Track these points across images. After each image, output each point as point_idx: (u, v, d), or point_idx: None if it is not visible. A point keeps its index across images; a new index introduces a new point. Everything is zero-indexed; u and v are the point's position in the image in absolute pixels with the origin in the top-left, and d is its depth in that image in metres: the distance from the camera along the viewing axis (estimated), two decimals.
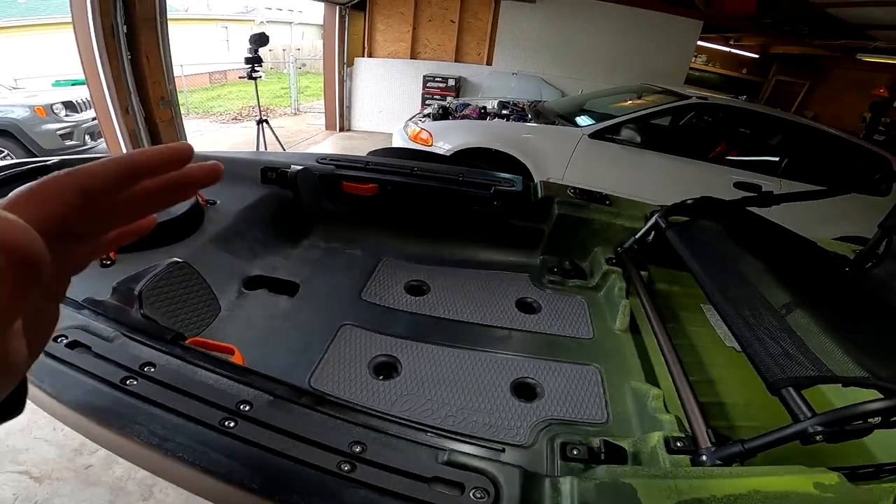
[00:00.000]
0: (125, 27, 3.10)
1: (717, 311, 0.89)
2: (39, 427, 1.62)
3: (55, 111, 4.82)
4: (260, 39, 3.67)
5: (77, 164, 0.73)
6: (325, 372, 0.81)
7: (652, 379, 0.93)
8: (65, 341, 0.54)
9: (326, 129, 6.44)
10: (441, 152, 3.13)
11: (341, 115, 6.38)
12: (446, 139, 3.18)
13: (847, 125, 5.31)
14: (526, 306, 1.10)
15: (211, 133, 6.63)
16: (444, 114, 3.67)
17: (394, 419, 0.55)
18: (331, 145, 5.83)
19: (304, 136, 6.42)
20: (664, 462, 0.66)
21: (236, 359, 0.63)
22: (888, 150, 3.39)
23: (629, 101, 3.88)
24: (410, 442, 0.53)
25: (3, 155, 4.69)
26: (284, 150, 4.42)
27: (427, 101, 5.92)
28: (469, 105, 3.98)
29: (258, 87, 4.12)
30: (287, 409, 0.53)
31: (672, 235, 1.13)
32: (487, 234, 1.28)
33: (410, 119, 3.77)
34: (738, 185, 3.25)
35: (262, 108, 8.44)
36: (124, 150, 3.31)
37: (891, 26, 4.53)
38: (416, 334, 0.95)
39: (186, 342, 0.62)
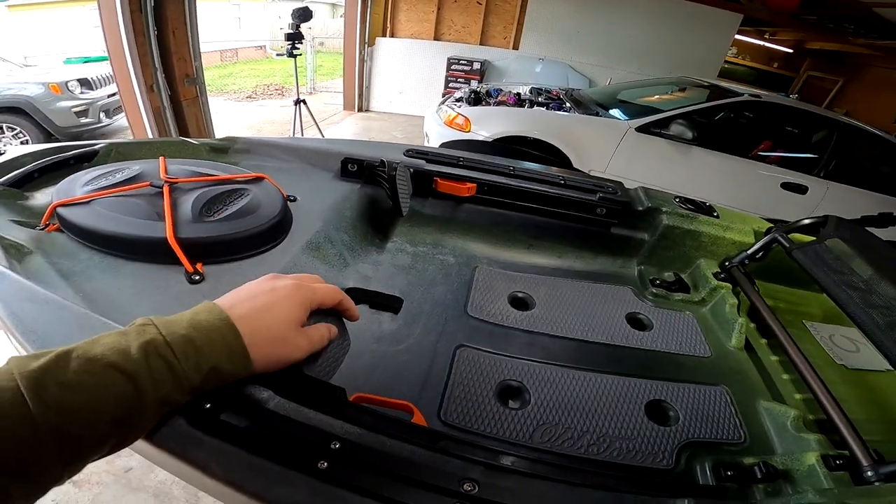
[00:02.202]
0: (153, 1, 2.91)
1: (864, 331, 0.82)
2: None
3: (70, 88, 4.73)
4: (304, 14, 3.49)
5: (122, 148, 0.93)
6: (455, 403, 0.72)
7: (779, 397, 0.87)
8: (210, 407, 0.44)
9: (344, 108, 6.27)
10: (480, 139, 3.00)
11: (360, 96, 6.21)
12: (485, 126, 3.05)
13: (879, 125, 5.15)
14: (637, 322, 1.01)
15: (228, 112, 6.45)
16: (476, 98, 3.53)
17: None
18: (352, 126, 5.68)
19: (322, 115, 6.25)
20: (826, 481, 0.62)
21: (417, 419, 0.54)
22: None
23: (671, 95, 3.74)
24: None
25: (15, 132, 4.54)
26: (322, 133, 4.27)
27: (451, 85, 5.75)
28: (502, 90, 3.83)
29: (291, 64, 3.89)
30: (508, 482, 0.44)
31: (804, 259, 1.03)
32: (584, 240, 1.18)
33: (442, 103, 3.63)
34: (785, 186, 3.16)
35: (279, 87, 8.24)
36: (147, 129, 3.19)
37: None
38: (535, 355, 0.86)
39: (352, 399, 0.53)
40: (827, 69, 7.57)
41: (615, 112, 3.27)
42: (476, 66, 5.67)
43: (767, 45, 7.49)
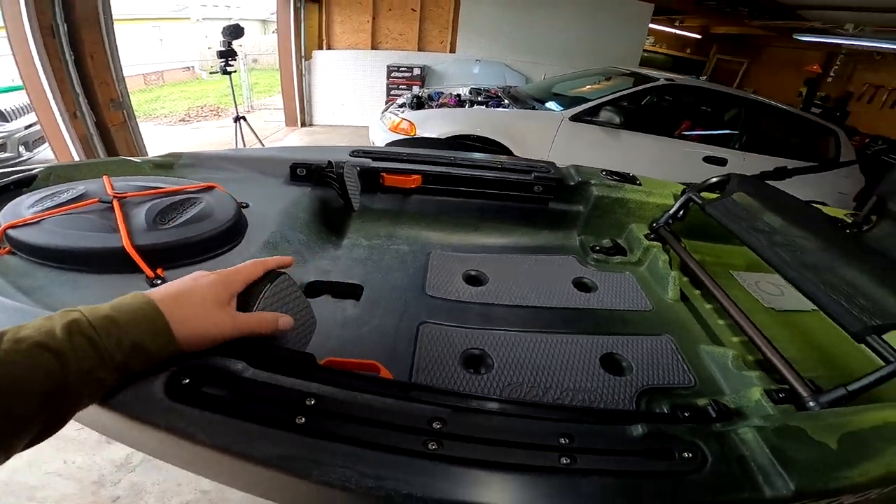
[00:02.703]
0: (66, 25, 2.79)
1: (786, 277, 0.94)
2: (46, 461, 1.48)
3: None
4: (235, 31, 3.44)
5: (61, 171, 0.94)
6: (423, 374, 0.78)
7: (718, 341, 0.98)
8: (189, 381, 0.47)
9: (287, 124, 6.16)
10: (428, 137, 3.08)
11: (302, 110, 6.13)
12: (429, 128, 3.14)
13: (784, 100, 5.75)
14: (582, 286, 1.11)
15: (161, 137, 6.15)
16: (419, 103, 3.62)
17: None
18: (296, 141, 5.60)
19: (264, 133, 6.10)
20: (772, 412, 0.70)
21: (384, 374, 0.59)
22: (828, 121, 3.71)
23: (599, 84, 3.99)
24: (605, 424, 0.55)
25: None
26: (264, 146, 4.18)
27: (392, 92, 5.80)
28: (443, 93, 3.94)
29: (224, 84, 3.83)
30: (476, 419, 0.50)
31: (715, 212, 1.17)
32: (526, 218, 1.28)
33: (386, 110, 3.69)
34: (707, 160, 3.46)
35: (213, 108, 7.94)
36: (76, 157, 3.03)
37: (819, 7, 4.92)
38: (493, 324, 0.93)
39: (321, 363, 0.57)
40: (733, 52, 8.34)
41: (550, 104, 3.46)
42: (416, 72, 5.76)
43: (679, 32, 8.14)
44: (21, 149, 4.64)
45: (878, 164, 3.15)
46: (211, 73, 4.09)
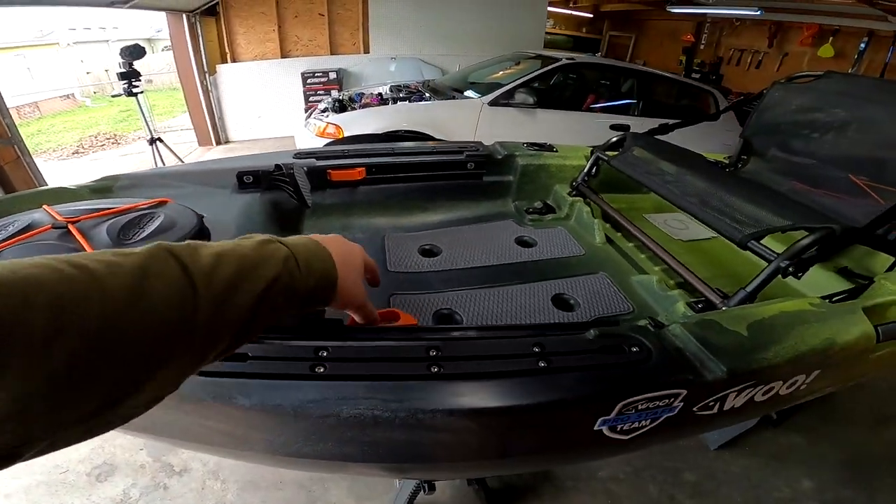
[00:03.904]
0: None
1: (679, 206, 1.16)
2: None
3: None
4: (135, 51, 3.22)
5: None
6: None
7: (643, 272, 1.18)
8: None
9: (200, 144, 5.83)
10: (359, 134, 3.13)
11: (214, 128, 5.82)
12: (357, 128, 3.18)
13: (670, 69, 6.45)
14: (524, 243, 1.27)
15: (57, 173, 5.54)
16: (341, 106, 3.64)
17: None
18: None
19: (173, 155, 5.72)
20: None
21: (405, 318, 0.67)
22: (706, 84, 4.27)
23: (511, 69, 4.25)
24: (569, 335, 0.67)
25: None
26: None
27: (311, 98, 5.70)
28: (364, 94, 3.98)
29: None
30: (465, 344, 0.61)
31: (618, 164, 1.38)
32: (465, 193, 1.41)
33: (309, 117, 3.66)
34: (613, 127, 3.84)
35: (110, 136, 7.25)
36: None
37: None
38: (453, 286, 1.05)
39: (347, 324, 0.65)
40: (622, 28, 9.14)
41: (468, 93, 3.64)
42: (332, 76, 5.70)
43: (573, 13, 8.76)
44: None
45: (741, 115, 3.69)
46: (115, 95, 3.80)
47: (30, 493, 1.45)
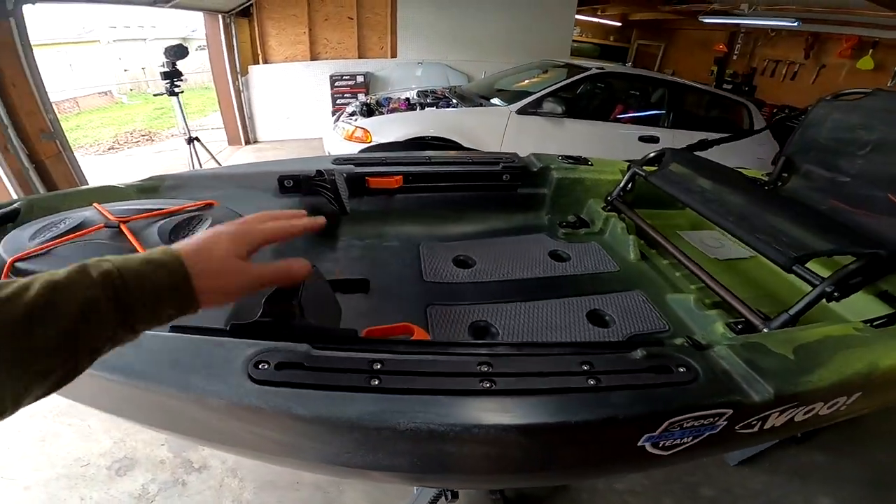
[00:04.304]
0: None
1: (719, 225, 1.14)
2: (63, 500, 1.45)
3: None
4: (178, 52, 3.32)
5: (43, 202, 0.97)
6: None
7: (678, 290, 1.16)
8: (268, 367, 0.54)
9: (230, 144, 5.97)
10: (388, 142, 3.16)
11: (244, 128, 5.96)
12: (384, 133, 3.22)
13: (700, 79, 6.33)
14: (557, 257, 1.27)
15: (94, 168, 5.77)
16: (369, 110, 3.68)
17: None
18: (244, 159, 5.45)
19: (207, 154, 5.88)
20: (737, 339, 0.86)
21: (419, 335, 0.68)
22: (739, 96, 4.18)
23: (538, 77, 4.24)
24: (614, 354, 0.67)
25: None
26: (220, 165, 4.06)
27: (338, 101, 5.79)
28: (391, 98, 4.02)
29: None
30: (513, 360, 0.61)
31: (656, 180, 1.37)
32: (499, 204, 1.41)
33: (337, 120, 3.71)
34: (642, 139, 3.78)
35: (145, 133, 7.50)
36: (13, 194, 2.83)
37: None
38: (489, 298, 1.05)
39: (363, 335, 0.66)
40: (651, 37, 9.02)
41: (496, 101, 3.64)
42: (359, 79, 5.78)
43: (601, 21, 8.70)
44: None
45: (784, 130, 3.59)
46: (156, 94, 3.92)
47: (49, 485, 1.49)
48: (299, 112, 6.09)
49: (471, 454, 0.58)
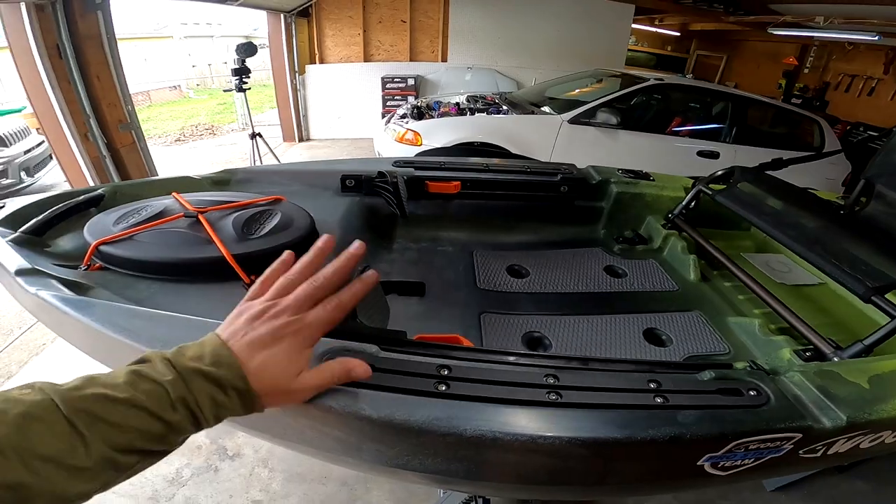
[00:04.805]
0: (71, 45, 2.72)
1: (792, 250, 1.08)
2: None
3: None
4: (248, 49, 3.51)
5: (126, 189, 1.02)
6: None
7: (741, 314, 1.10)
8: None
9: (285, 140, 6.23)
10: (437, 147, 3.20)
11: (299, 126, 6.21)
12: (435, 137, 3.25)
13: (765, 92, 5.98)
14: (613, 272, 1.23)
15: (161, 158, 6.18)
16: (419, 113, 3.74)
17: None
18: (298, 156, 5.67)
19: (264, 150, 6.16)
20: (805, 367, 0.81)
21: (467, 345, 0.69)
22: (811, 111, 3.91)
23: (591, 86, 4.15)
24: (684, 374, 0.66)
25: None
26: (280, 162, 4.25)
27: (388, 103, 5.92)
28: (442, 102, 4.06)
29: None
30: (580, 374, 0.61)
31: (724, 199, 1.30)
32: (554, 215, 1.39)
33: (388, 122, 3.79)
34: (701, 154, 3.62)
35: (208, 126, 7.96)
36: (89, 180, 3.04)
37: (789, 1, 5.16)
38: (541, 310, 1.04)
39: (414, 339, 0.66)
40: (712, 48, 8.63)
41: (548, 108, 3.60)
42: (410, 82, 5.89)
43: (659, 30, 8.41)
44: (22, 174, 4.56)
45: (865, 151, 3.34)
46: (226, 90, 4.14)
47: None
48: (350, 112, 6.27)
49: (531, 464, 0.57)
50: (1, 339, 2.39)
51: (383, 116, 5.85)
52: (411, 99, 5.83)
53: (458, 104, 3.93)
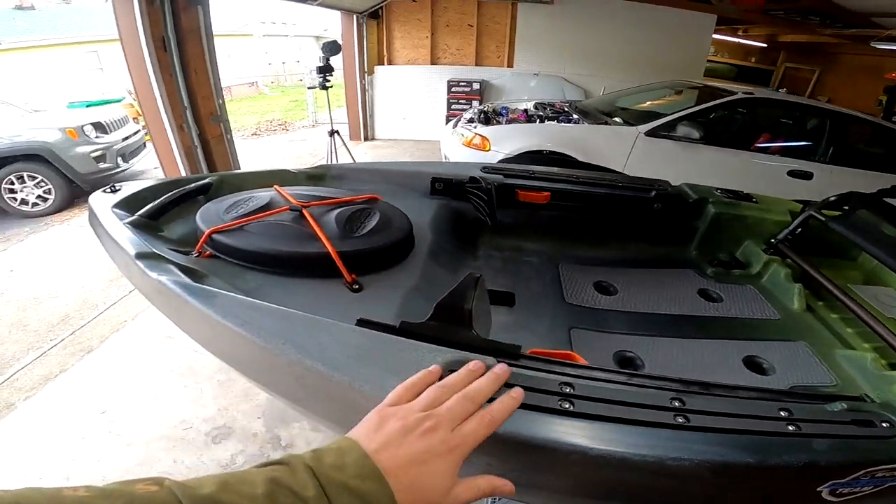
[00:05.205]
0: (175, 38, 2.88)
1: None
2: (157, 460, 1.56)
3: (86, 133, 4.63)
4: (333, 48, 3.66)
5: (231, 179, 1.10)
6: None
7: (850, 346, 1.02)
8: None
9: (351, 139, 6.46)
10: (501, 156, 3.19)
11: (365, 125, 6.42)
12: (503, 143, 3.23)
13: (862, 109, 5.42)
14: (708, 297, 1.17)
15: (242, 151, 6.63)
16: (486, 118, 3.74)
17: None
18: (363, 154, 5.86)
19: (350, 151, 6.43)
20: None
21: (581, 362, 0.67)
22: None
23: (668, 98, 3.96)
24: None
25: (37, 181, 4.38)
26: (354, 160, 4.43)
27: (453, 107, 5.98)
28: (509, 108, 4.03)
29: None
30: (705, 398, 0.59)
31: (839, 227, 1.19)
32: (643, 232, 1.33)
33: (456, 125, 3.81)
34: (792, 174, 3.34)
35: (281, 122, 8.41)
36: (181, 168, 3.26)
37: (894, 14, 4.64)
38: (633, 329, 1.00)
39: (528, 353, 0.65)
40: (803, 60, 7.95)
41: (619, 119, 3.48)
42: (475, 86, 5.91)
43: (742, 41, 7.87)
44: (119, 160, 4.98)
45: None
46: (309, 87, 4.30)
47: (150, 445, 1.57)
48: (414, 114, 6.39)
49: (650, 486, 0.56)
50: (87, 312, 2.59)
51: (447, 120, 5.92)
52: (475, 103, 5.86)
53: (526, 111, 3.89)
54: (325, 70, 3.70)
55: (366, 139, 6.39)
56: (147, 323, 2.39)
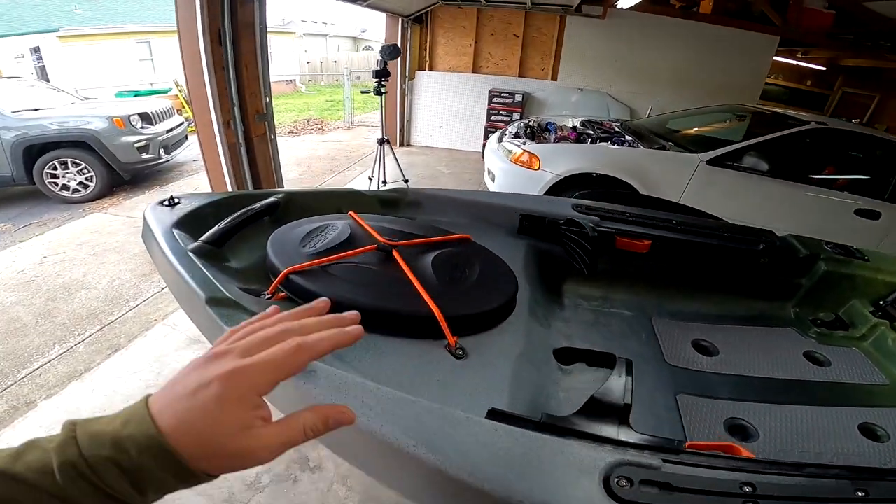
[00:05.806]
0: (230, 32, 2.77)
1: None
2: None
3: (132, 123, 4.69)
4: (392, 52, 3.53)
5: (299, 199, 1.03)
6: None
7: None
8: (628, 483, 0.48)
9: None
10: (551, 177, 3.09)
11: (402, 130, 6.40)
12: (554, 164, 3.14)
13: None
14: (815, 360, 1.07)
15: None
16: (531, 133, 3.64)
17: None
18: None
19: (364, 150, 6.44)
20: None
21: (746, 455, 0.59)
22: None
23: (727, 123, 3.79)
24: None
25: (80, 168, 4.47)
26: (403, 172, 4.38)
27: (493, 118, 5.89)
28: (556, 124, 3.93)
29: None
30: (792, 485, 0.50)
31: None
32: (742, 287, 1.23)
33: (501, 140, 3.72)
34: (860, 213, 3.14)
35: (318, 122, 8.48)
36: (223, 165, 3.21)
37: None
38: (740, 395, 0.92)
39: (687, 446, 0.57)
40: (862, 86, 7.56)
41: (677, 143, 3.32)
42: (517, 98, 5.82)
43: (800, 63, 7.54)
44: (161, 151, 5.05)
45: None
46: (363, 90, 4.16)
47: None
48: (452, 122, 6.33)
49: None
50: (116, 307, 2.55)
51: (486, 131, 5.84)
52: (516, 115, 5.76)
53: (574, 128, 3.78)
54: (382, 74, 3.58)
55: (401, 145, 6.37)
56: (177, 324, 2.36)
